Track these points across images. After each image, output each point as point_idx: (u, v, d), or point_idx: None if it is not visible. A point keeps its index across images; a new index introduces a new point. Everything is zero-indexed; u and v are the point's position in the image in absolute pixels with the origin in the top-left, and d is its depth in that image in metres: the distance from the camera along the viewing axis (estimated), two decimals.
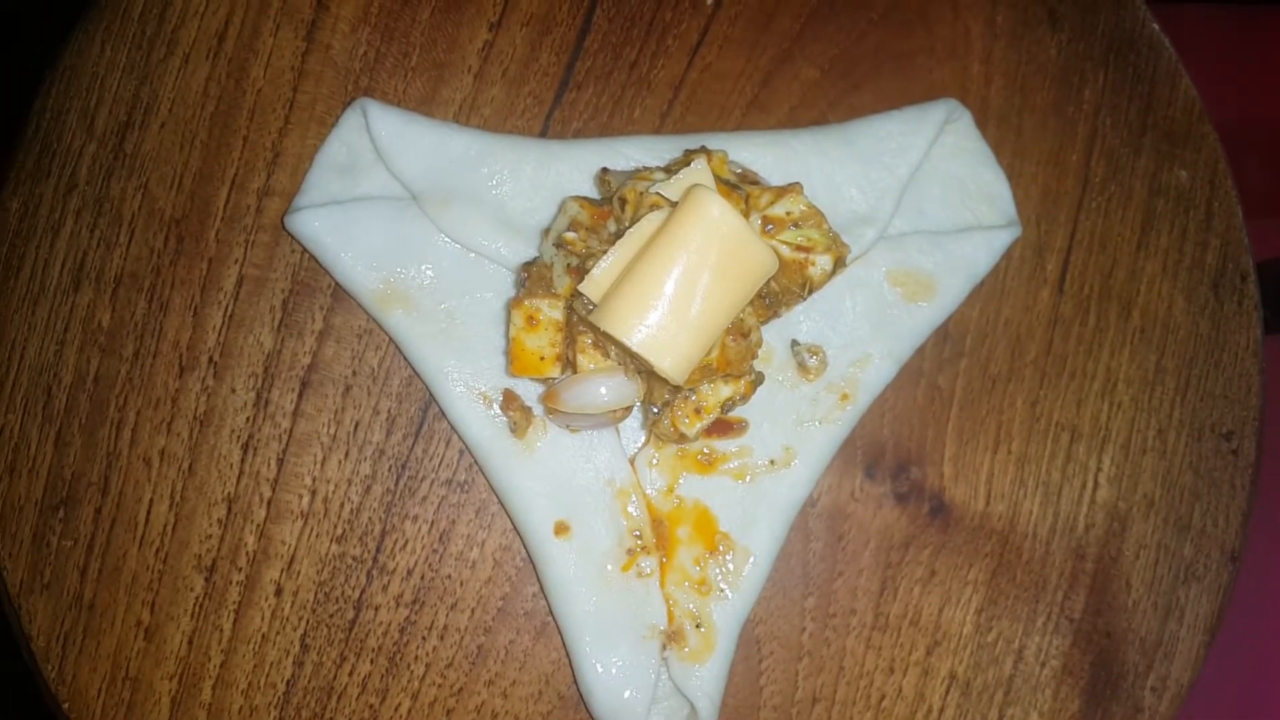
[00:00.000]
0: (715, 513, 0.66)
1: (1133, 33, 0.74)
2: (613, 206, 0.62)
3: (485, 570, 0.68)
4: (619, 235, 0.58)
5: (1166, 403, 0.71)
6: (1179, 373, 0.72)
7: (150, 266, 0.69)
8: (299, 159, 0.70)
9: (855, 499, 0.69)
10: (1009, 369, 0.71)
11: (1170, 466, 0.71)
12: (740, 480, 0.66)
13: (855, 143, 0.69)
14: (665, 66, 0.72)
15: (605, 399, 0.59)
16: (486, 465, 0.66)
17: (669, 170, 0.62)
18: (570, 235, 0.61)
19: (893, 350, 0.68)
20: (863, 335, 0.68)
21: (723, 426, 0.66)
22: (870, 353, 0.67)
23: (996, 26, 0.74)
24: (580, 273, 0.58)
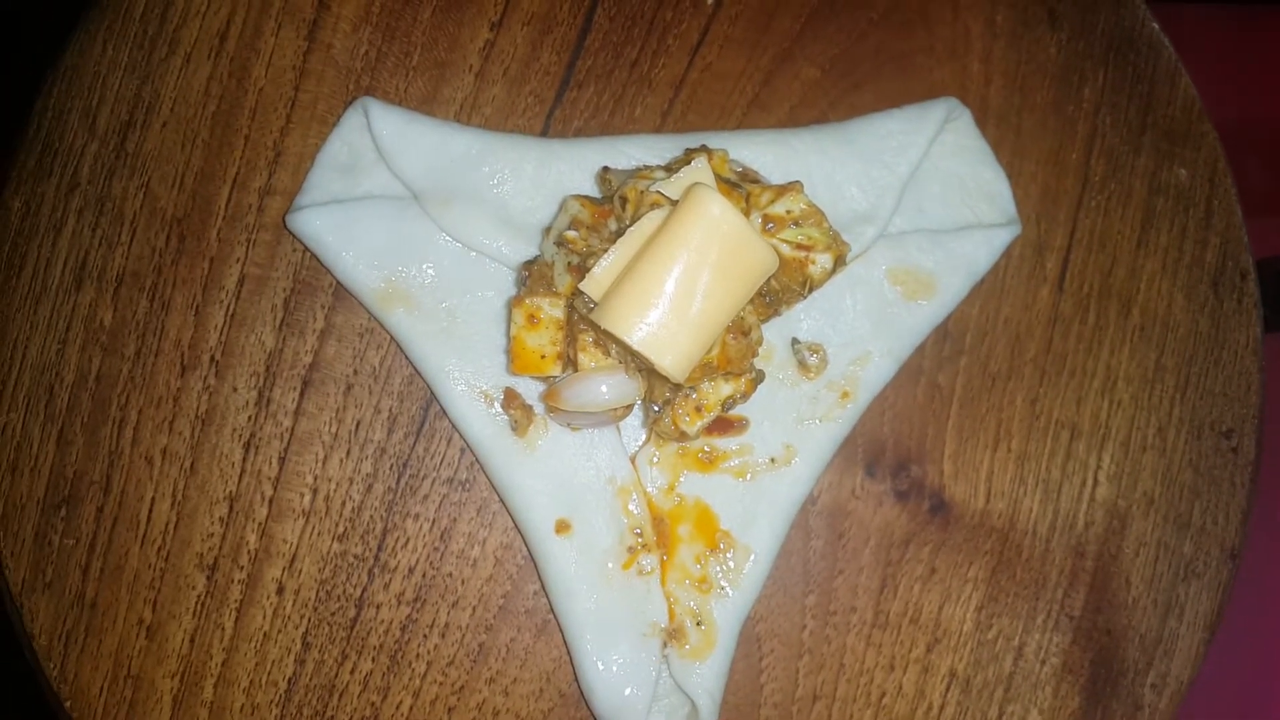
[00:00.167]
0: (716, 510, 0.66)
1: (1132, 32, 0.74)
2: (614, 205, 0.62)
3: (486, 568, 0.68)
4: (620, 234, 0.58)
5: (1166, 400, 0.72)
6: (1179, 370, 0.72)
7: (152, 265, 0.69)
8: (300, 158, 0.70)
9: (856, 497, 0.70)
10: (1009, 367, 0.71)
11: (1170, 464, 0.71)
12: (741, 478, 0.66)
13: (855, 141, 0.69)
14: (666, 66, 0.72)
15: (606, 397, 0.60)
16: (488, 463, 0.66)
17: (670, 169, 0.62)
18: (571, 234, 0.61)
19: (893, 348, 0.68)
20: (863, 333, 0.68)
21: (723, 424, 0.66)
22: (870, 351, 0.68)
23: (996, 26, 0.74)
24: (581, 271, 0.58)
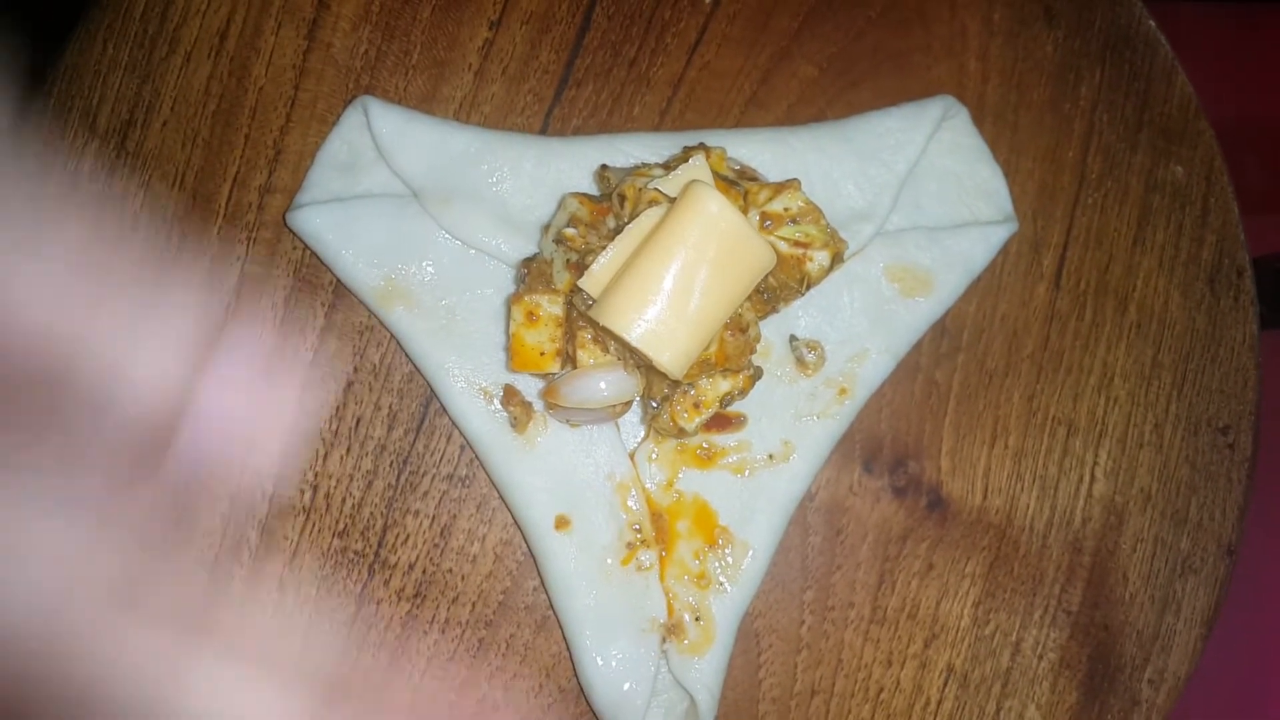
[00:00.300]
0: (714, 507, 0.66)
1: (1129, 30, 0.75)
2: (612, 203, 0.62)
3: (486, 565, 0.68)
4: (618, 231, 0.58)
5: (1163, 397, 0.72)
6: (1175, 367, 0.72)
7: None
8: (300, 156, 0.70)
9: (853, 493, 0.70)
10: (1006, 364, 0.71)
11: (1167, 460, 0.71)
12: (739, 474, 0.66)
13: (853, 139, 0.69)
14: (664, 64, 0.72)
15: (605, 394, 0.60)
16: (487, 460, 0.67)
17: (668, 167, 0.62)
18: (570, 231, 0.61)
19: (890, 345, 0.68)
20: (860, 330, 0.68)
21: (721, 421, 0.66)
22: (868, 348, 0.68)
23: (993, 24, 0.74)
24: (580, 268, 0.59)
